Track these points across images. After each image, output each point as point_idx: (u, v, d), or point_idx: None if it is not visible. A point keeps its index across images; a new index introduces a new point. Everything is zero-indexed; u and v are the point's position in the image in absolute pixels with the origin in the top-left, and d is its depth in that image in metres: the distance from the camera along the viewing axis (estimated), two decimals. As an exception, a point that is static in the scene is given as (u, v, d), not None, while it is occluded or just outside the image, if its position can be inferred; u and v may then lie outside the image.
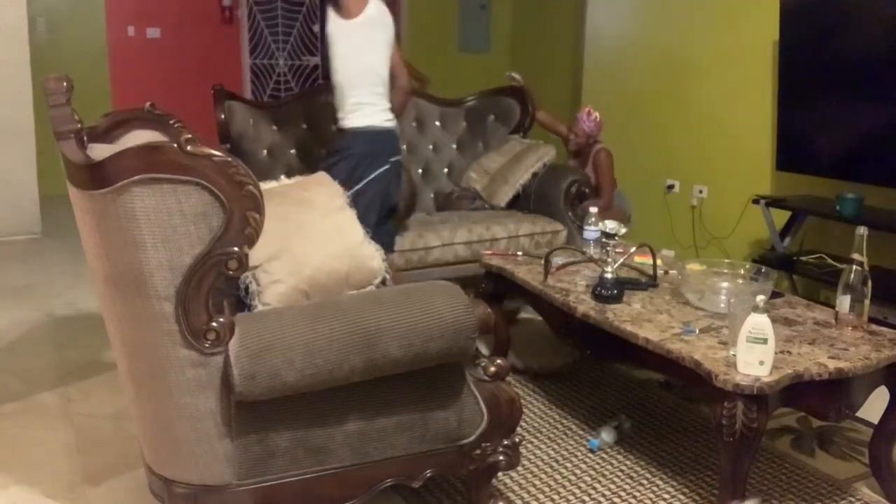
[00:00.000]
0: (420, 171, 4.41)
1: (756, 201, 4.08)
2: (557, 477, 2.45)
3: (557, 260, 3.00)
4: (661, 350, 2.24)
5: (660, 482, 2.44)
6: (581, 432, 2.74)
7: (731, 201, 4.53)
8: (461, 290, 1.96)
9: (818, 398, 2.14)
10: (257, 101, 4.47)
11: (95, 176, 1.65)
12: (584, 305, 2.58)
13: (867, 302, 2.35)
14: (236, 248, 1.69)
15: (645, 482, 2.43)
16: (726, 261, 2.87)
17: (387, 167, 3.37)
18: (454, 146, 4.49)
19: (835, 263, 3.73)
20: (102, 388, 3.05)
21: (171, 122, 2.18)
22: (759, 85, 4.39)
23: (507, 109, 4.54)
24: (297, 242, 2.49)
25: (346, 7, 3.32)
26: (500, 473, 2.22)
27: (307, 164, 3.95)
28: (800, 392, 2.09)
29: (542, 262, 2.93)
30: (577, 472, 2.49)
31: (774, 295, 2.62)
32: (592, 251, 3.06)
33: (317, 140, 4.10)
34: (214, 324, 1.71)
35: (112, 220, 1.66)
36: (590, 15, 5.71)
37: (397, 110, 3.50)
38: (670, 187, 5.04)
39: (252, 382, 1.72)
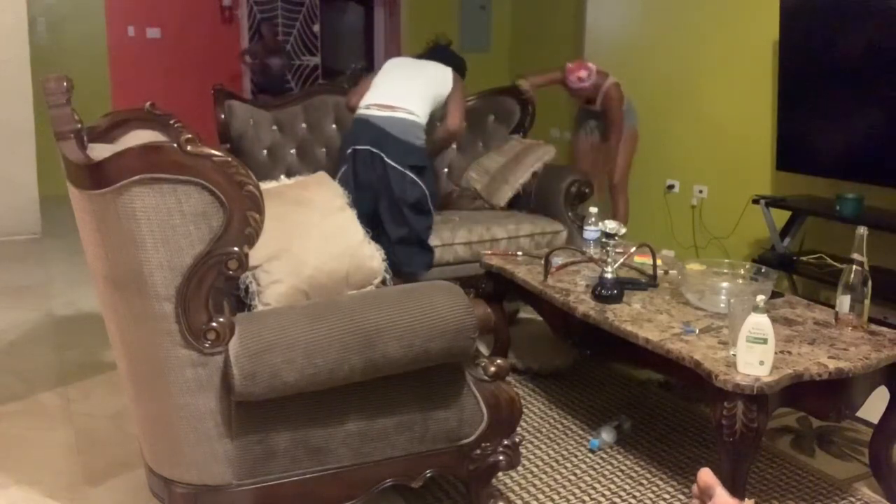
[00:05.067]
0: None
1: (756, 201, 4.08)
2: (557, 477, 2.45)
3: (557, 260, 3.00)
4: (660, 350, 2.24)
5: (660, 482, 2.43)
6: (581, 432, 2.74)
7: (731, 201, 4.52)
8: (461, 290, 1.96)
9: (818, 398, 2.14)
10: (257, 100, 4.50)
11: (95, 176, 1.65)
12: (584, 305, 2.58)
13: (867, 302, 2.35)
14: (236, 248, 1.69)
15: (645, 482, 2.43)
16: (726, 261, 2.86)
17: None
18: (454, 146, 4.49)
19: (835, 263, 3.72)
20: (102, 388, 3.05)
21: (171, 122, 2.18)
22: (759, 85, 4.38)
23: (507, 109, 4.54)
24: (297, 242, 2.49)
25: None
26: (500, 473, 2.21)
27: (307, 164, 3.95)
28: (800, 392, 2.09)
29: (542, 262, 2.93)
30: (577, 472, 2.48)
31: (774, 295, 2.62)
32: (592, 251, 3.06)
33: (317, 140, 4.10)
34: (214, 324, 1.71)
35: (112, 220, 1.66)
36: (590, 15, 5.71)
37: None
38: (670, 187, 5.04)
39: (252, 382, 1.72)
